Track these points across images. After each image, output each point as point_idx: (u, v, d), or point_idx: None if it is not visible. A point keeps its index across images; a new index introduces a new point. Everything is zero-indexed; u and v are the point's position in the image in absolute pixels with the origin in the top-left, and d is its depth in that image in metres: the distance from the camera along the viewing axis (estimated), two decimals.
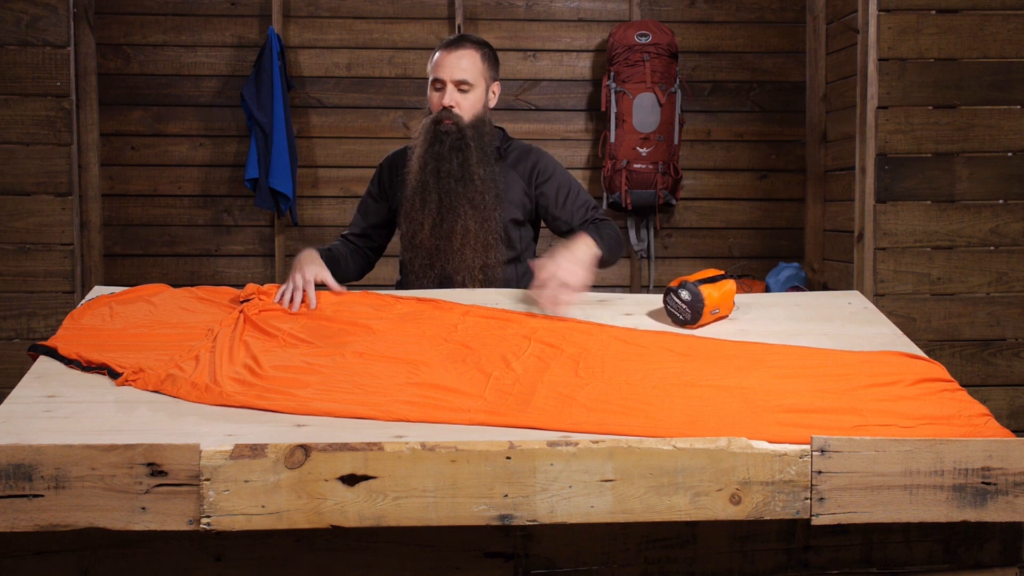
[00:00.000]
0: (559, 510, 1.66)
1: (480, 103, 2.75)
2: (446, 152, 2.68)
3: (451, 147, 2.68)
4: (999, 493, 1.69)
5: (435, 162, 2.69)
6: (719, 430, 1.77)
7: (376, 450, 1.63)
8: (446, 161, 2.68)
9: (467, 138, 2.70)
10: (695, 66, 4.76)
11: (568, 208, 2.80)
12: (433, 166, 2.69)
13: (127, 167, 4.62)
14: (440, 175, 2.68)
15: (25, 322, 3.66)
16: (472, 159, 2.69)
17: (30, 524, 1.61)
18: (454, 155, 2.68)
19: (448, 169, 2.68)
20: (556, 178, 2.81)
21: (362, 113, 4.70)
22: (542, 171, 2.81)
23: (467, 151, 2.69)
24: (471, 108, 2.72)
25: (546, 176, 2.81)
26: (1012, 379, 3.72)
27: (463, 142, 2.69)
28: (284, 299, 2.40)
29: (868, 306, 2.50)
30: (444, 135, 2.69)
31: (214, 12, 4.62)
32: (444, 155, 2.68)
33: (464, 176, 2.68)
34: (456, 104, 2.70)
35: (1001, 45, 3.67)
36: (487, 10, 4.71)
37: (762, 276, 4.73)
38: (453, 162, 2.68)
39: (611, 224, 2.78)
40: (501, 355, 2.14)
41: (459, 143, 2.69)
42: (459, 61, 2.71)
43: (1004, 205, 3.69)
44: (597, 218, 2.81)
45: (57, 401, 1.90)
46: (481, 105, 2.75)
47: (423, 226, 2.70)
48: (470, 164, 2.69)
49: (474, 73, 2.72)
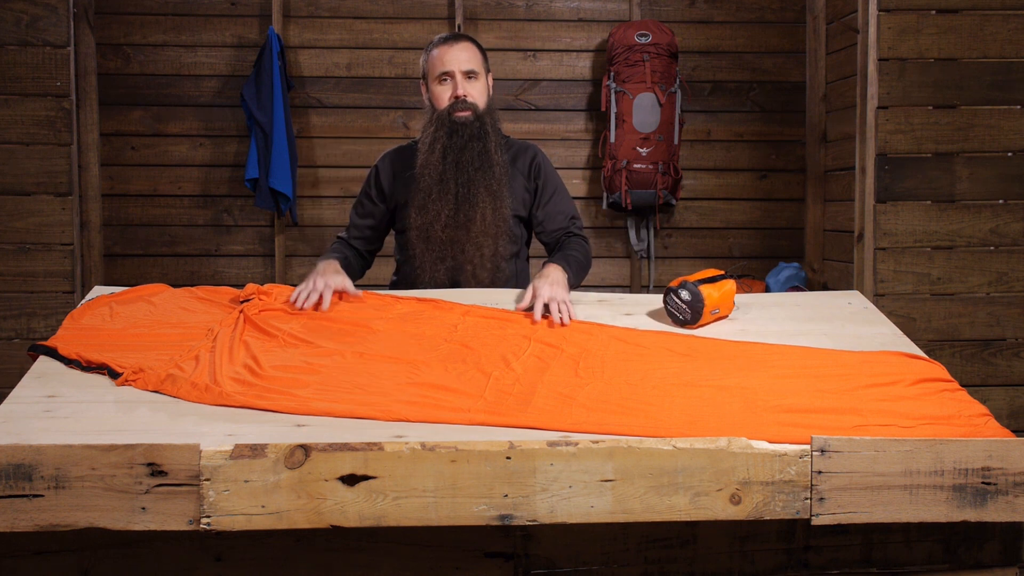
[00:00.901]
0: (559, 510, 1.66)
1: (486, 92, 2.79)
2: (466, 142, 2.70)
3: (471, 136, 2.70)
4: (999, 493, 1.69)
5: (456, 153, 2.70)
6: (719, 430, 1.77)
7: (376, 450, 1.63)
8: (467, 150, 2.70)
9: (485, 125, 2.73)
10: (695, 66, 4.76)
11: (549, 210, 2.82)
12: (453, 157, 2.70)
13: (127, 167, 4.62)
14: (460, 165, 2.70)
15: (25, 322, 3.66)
16: (491, 146, 2.72)
17: (30, 524, 1.61)
18: (474, 143, 2.70)
19: (469, 158, 2.70)
20: (549, 177, 2.85)
21: (362, 113, 4.70)
22: (540, 165, 2.84)
23: (486, 139, 2.72)
24: (481, 96, 2.76)
25: (542, 172, 2.84)
26: (1012, 379, 3.72)
27: (482, 130, 2.72)
28: (300, 298, 2.40)
29: (868, 306, 2.50)
30: (462, 126, 2.71)
31: (214, 12, 4.62)
32: (465, 145, 2.70)
33: (483, 164, 2.70)
34: (468, 93, 2.72)
35: (1001, 45, 3.67)
36: (487, 10, 4.71)
37: (762, 276, 4.73)
38: (474, 150, 2.70)
39: (584, 244, 2.80)
40: (501, 355, 2.14)
41: (479, 131, 2.71)
42: (463, 53, 2.75)
43: (1004, 205, 3.69)
44: (573, 232, 2.83)
45: (57, 401, 1.90)
46: (487, 95, 2.79)
47: (440, 216, 2.70)
48: (489, 152, 2.72)
49: (478, 63, 2.77)
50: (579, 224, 2.86)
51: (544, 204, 2.82)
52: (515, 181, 2.81)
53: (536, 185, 2.83)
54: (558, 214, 2.82)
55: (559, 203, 2.83)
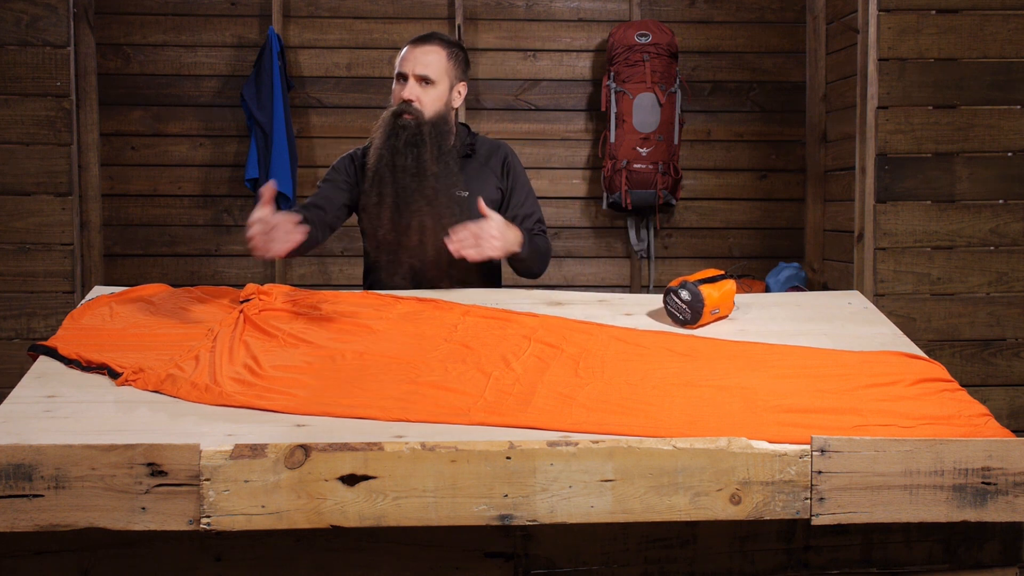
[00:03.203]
0: (559, 510, 1.66)
1: (441, 100, 2.72)
2: (401, 146, 2.65)
3: (407, 141, 2.65)
4: (999, 493, 1.69)
5: (391, 156, 2.66)
6: (719, 430, 1.77)
7: (376, 450, 1.63)
8: (401, 155, 2.65)
9: (424, 133, 2.67)
10: (695, 66, 4.76)
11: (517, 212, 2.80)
12: (388, 160, 2.66)
13: (127, 167, 4.62)
14: (395, 169, 2.66)
15: (25, 322, 3.66)
16: (427, 155, 2.66)
17: (30, 524, 1.61)
18: (409, 150, 2.65)
19: (403, 164, 2.65)
20: (519, 179, 2.84)
21: (362, 113, 4.70)
22: (511, 166, 2.83)
23: (422, 147, 2.66)
24: (432, 104, 2.70)
25: (512, 173, 2.83)
26: (1012, 379, 3.72)
27: (420, 137, 2.66)
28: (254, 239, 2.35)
29: (868, 306, 2.50)
30: (401, 129, 2.66)
31: (214, 12, 4.62)
32: (400, 149, 2.65)
33: (419, 171, 2.65)
34: (416, 98, 2.68)
35: (1001, 45, 3.67)
36: (487, 10, 4.71)
37: (762, 276, 4.73)
38: (408, 157, 2.65)
39: (547, 241, 2.82)
40: (501, 355, 2.14)
41: (416, 138, 2.66)
42: (424, 56, 2.70)
43: (1004, 205, 3.69)
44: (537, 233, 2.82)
45: (57, 401, 1.90)
46: (443, 103, 2.73)
47: (382, 220, 2.68)
48: (424, 160, 2.66)
49: (437, 70, 2.71)
50: (543, 228, 2.86)
51: (514, 206, 2.81)
52: (487, 180, 2.79)
53: (507, 185, 2.82)
54: (525, 217, 2.81)
55: (527, 206, 2.83)
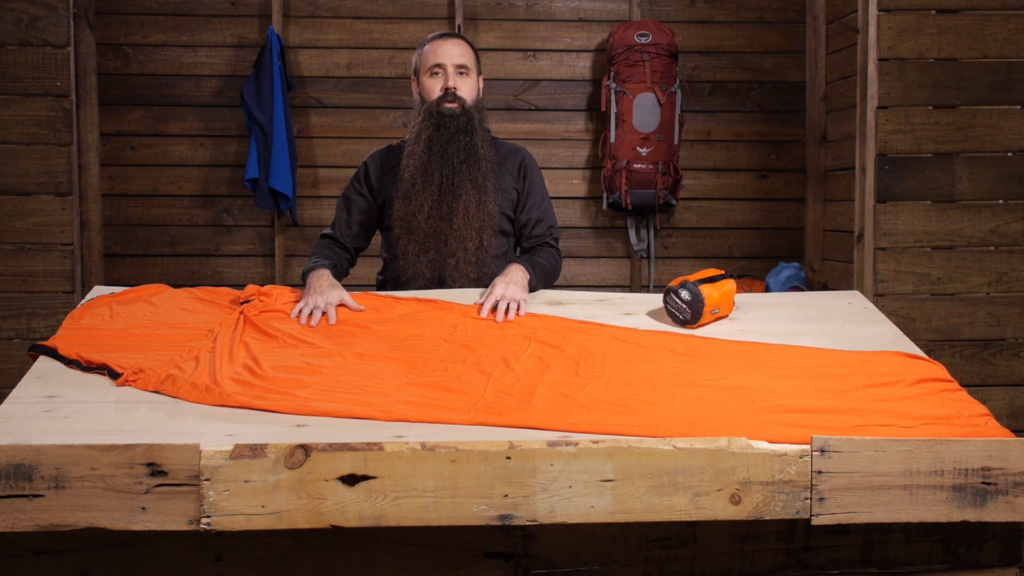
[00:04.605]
0: (559, 510, 1.66)
1: (476, 89, 2.81)
2: (452, 134, 2.70)
3: (457, 128, 2.71)
4: (999, 493, 1.69)
5: (442, 144, 2.70)
6: (719, 430, 1.77)
7: (376, 450, 1.63)
8: (453, 142, 2.70)
9: (473, 120, 2.73)
10: (695, 66, 4.76)
11: (531, 216, 2.83)
12: (439, 148, 2.70)
13: (127, 167, 4.62)
14: (445, 156, 2.69)
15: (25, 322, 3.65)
16: (478, 141, 2.72)
17: (30, 524, 1.61)
18: (460, 136, 2.70)
19: (455, 150, 2.70)
20: (536, 183, 2.87)
21: (362, 113, 4.70)
22: (528, 169, 2.86)
23: (473, 133, 2.72)
24: (470, 92, 2.77)
25: (530, 176, 2.85)
26: (1012, 379, 3.72)
27: (469, 124, 2.72)
28: (302, 316, 2.37)
29: (868, 306, 2.50)
30: (449, 118, 2.71)
31: (214, 12, 4.62)
32: (451, 137, 2.70)
33: (469, 157, 2.71)
34: (458, 87, 2.74)
35: (1001, 45, 3.67)
36: (487, 10, 4.71)
37: (762, 276, 4.73)
38: (460, 142, 2.70)
39: (556, 255, 2.82)
40: (501, 355, 2.14)
41: (466, 125, 2.72)
42: (456, 48, 2.77)
43: (1004, 205, 3.69)
44: (549, 242, 2.83)
45: (57, 401, 1.90)
46: (477, 92, 2.81)
47: (423, 207, 2.69)
48: (476, 145, 2.72)
49: (470, 60, 2.79)
50: (556, 235, 2.87)
51: (528, 209, 2.83)
52: (504, 181, 2.81)
53: (523, 187, 2.84)
54: (539, 222, 2.84)
55: (542, 211, 2.85)
